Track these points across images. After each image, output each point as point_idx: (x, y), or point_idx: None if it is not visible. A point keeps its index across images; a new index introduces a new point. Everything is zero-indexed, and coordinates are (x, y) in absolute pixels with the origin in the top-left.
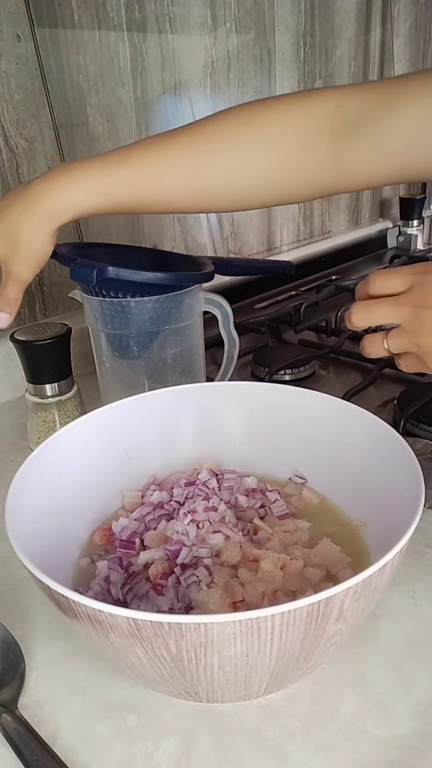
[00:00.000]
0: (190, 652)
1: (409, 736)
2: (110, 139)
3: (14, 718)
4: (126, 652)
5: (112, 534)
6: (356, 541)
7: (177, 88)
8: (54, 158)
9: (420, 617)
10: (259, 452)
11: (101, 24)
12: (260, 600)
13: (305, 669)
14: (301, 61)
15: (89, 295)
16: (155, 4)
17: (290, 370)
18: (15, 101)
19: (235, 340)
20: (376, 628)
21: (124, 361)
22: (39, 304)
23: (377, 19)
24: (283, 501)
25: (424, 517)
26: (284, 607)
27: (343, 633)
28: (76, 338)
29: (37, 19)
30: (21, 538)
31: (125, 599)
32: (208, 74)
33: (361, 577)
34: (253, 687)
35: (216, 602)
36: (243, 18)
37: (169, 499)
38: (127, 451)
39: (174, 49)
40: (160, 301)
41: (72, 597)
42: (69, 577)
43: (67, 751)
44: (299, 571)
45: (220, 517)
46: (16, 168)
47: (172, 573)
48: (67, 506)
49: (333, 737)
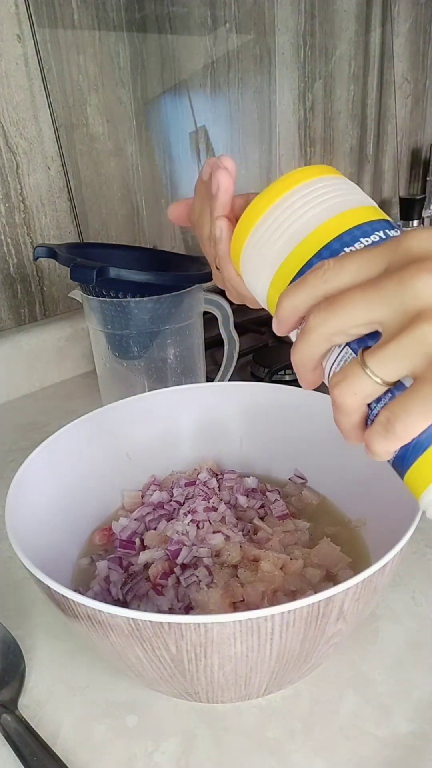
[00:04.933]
0: (190, 652)
1: (409, 736)
2: (110, 139)
3: (14, 719)
4: (126, 652)
5: (112, 534)
6: (356, 541)
7: (177, 88)
8: (54, 158)
9: (420, 617)
10: (259, 452)
11: (101, 24)
12: (260, 600)
13: (305, 669)
14: (301, 62)
15: (89, 295)
16: (155, 4)
17: (290, 370)
18: (15, 101)
19: (235, 340)
20: (376, 628)
21: (124, 361)
22: (39, 305)
23: (377, 19)
24: (283, 501)
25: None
26: (284, 607)
27: (343, 633)
28: (76, 338)
29: (37, 19)
30: (21, 538)
31: (125, 599)
32: (208, 74)
33: (361, 577)
34: (253, 687)
35: (216, 602)
36: (243, 18)
37: (169, 499)
38: (127, 451)
39: (174, 49)
40: (160, 301)
41: (72, 597)
42: (69, 577)
43: (67, 751)
44: (299, 571)
45: (220, 517)
46: (16, 168)
47: (172, 573)
48: (67, 506)
49: (333, 737)
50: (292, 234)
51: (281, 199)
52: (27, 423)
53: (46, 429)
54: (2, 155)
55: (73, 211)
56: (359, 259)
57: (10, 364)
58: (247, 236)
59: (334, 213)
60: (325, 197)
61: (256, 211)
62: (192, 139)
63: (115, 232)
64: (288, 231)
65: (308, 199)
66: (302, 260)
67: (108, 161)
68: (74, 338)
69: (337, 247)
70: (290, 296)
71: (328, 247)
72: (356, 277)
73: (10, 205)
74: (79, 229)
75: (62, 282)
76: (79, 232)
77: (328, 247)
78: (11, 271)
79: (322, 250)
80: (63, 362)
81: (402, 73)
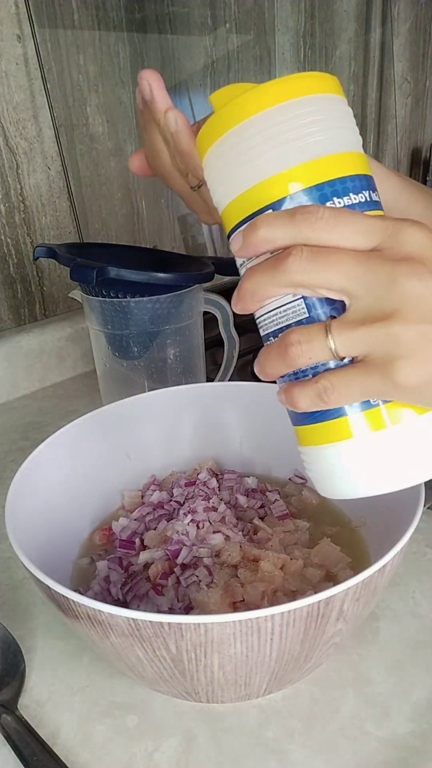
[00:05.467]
0: (190, 652)
1: (409, 736)
2: (110, 140)
3: (14, 719)
4: (126, 652)
5: (112, 534)
6: (356, 541)
7: (177, 88)
8: (54, 158)
9: (420, 617)
10: (259, 452)
11: (101, 24)
12: (260, 600)
13: (305, 669)
14: (301, 62)
15: (89, 295)
16: (155, 4)
17: None
18: (15, 101)
19: (235, 340)
20: (376, 628)
21: (124, 361)
22: (39, 305)
23: (377, 19)
24: (283, 501)
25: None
26: (284, 607)
27: (343, 633)
28: (76, 338)
29: (37, 19)
30: (21, 538)
31: (125, 599)
32: (208, 74)
33: (361, 577)
34: (253, 687)
35: (216, 602)
36: (243, 18)
37: (169, 499)
38: (127, 451)
39: (174, 49)
40: (160, 301)
41: (72, 597)
42: (69, 577)
43: (67, 751)
44: (299, 571)
45: (220, 517)
46: (16, 168)
47: (172, 573)
48: (67, 506)
49: (333, 737)
50: (278, 156)
51: (276, 109)
52: (27, 423)
53: (46, 429)
54: (2, 155)
55: (73, 211)
56: (354, 224)
57: (10, 364)
58: (224, 132)
59: (330, 151)
60: (323, 125)
61: (245, 109)
62: None
63: (115, 232)
64: (273, 152)
65: (305, 122)
66: (283, 191)
67: (108, 161)
68: (74, 338)
69: (326, 192)
70: (271, 226)
71: (318, 188)
72: (346, 241)
73: (10, 205)
74: (79, 229)
75: (62, 282)
76: (79, 232)
77: (318, 188)
78: (11, 271)
79: (311, 188)
80: (63, 362)
81: (402, 73)
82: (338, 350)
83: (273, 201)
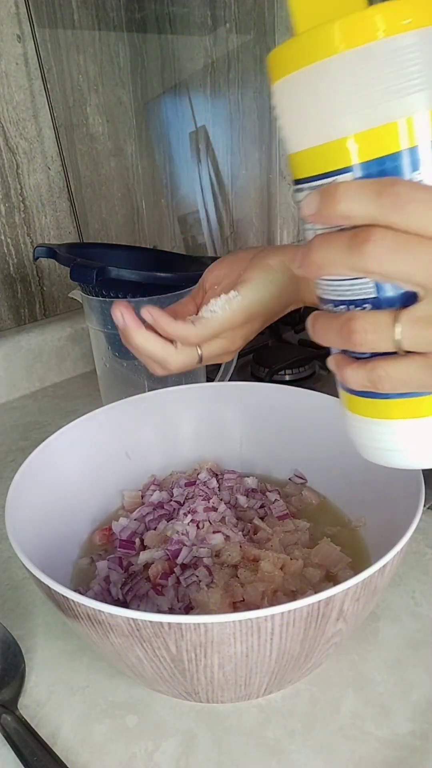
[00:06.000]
0: (190, 652)
1: (409, 736)
2: (110, 140)
3: (14, 718)
4: (126, 652)
5: (112, 534)
6: (356, 541)
7: (177, 88)
8: (54, 158)
9: (420, 617)
10: (259, 452)
11: (101, 24)
12: (260, 600)
13: (305, 669)
14: None
15: (89, 295)
16: (155, 4)
17: (290, 370)
18: (15, 101)
19: None
20: (376, 628)
21: (124, 361)
22: (39, 305)
23: None
24: (283, 501)
25: (424, 517)
26: (284, 607)
27: (343, 633)
28: (76, 338)
29: (37, 19)
30: (21, 538)
31: (125, 599)
32: (208, 74)
33: (361, 577)
34: (253, 687)
35: (216, 602)
36: (243, 18)
37: (169, 499)
38: (127, 451)
39: (174, 49)
40: (160, 301)
41: (72, 597)
42: (69, 577)
43: (67, 751)
44: (299, 571)
45: (220, 517)
46: (16, 168)
47: (172, 573)
48: (67, 506)
49: (333, 737)
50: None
51: (378, 46)
52: (27, 423)
53: (46, 429)
54: (2, 155)
55: (73, 211)
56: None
57: (10, 364)
58: (307, 64)
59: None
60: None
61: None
62: (192, 139)
63: (115, 232)
64: (364, 102)
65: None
66: (370, 152)
67: (108, 161)
68: (74, 338)
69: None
70: (352, 200)
71: (410, 152)
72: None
73: (10, 205)
74: (79, 229)
75: (62, 282)
76: (79, 232)
77: (410, 152)
78: (11, 271)
79: (401, 152)
80: (63, 362)
81: None
82: (404, 344)
83: (354, 163)
